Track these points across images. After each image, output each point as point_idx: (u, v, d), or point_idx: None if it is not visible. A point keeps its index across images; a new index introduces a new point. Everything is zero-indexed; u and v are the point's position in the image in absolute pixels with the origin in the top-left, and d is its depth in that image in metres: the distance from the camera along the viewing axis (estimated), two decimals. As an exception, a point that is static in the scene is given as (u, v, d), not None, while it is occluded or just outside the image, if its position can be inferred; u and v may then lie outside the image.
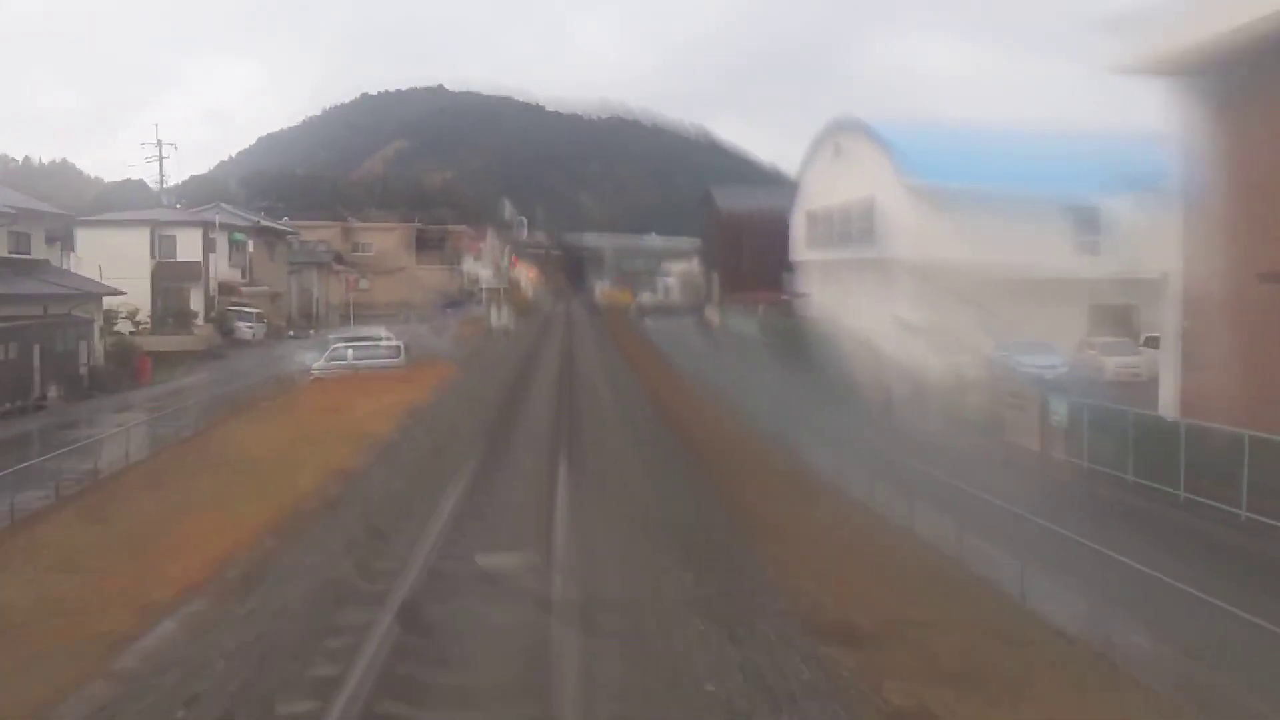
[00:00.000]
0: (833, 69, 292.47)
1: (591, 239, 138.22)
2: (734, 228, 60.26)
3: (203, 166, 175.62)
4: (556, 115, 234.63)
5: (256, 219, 56.55)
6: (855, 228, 40.26)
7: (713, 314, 59.62)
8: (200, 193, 76.57)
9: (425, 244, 75.19)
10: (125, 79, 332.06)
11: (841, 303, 40.68)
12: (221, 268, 50.41)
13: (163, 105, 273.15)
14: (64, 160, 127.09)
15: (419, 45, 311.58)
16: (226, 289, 50.14)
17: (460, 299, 73.84)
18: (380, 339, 37.96)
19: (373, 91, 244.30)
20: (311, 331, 58.28)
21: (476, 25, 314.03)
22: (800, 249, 49.44)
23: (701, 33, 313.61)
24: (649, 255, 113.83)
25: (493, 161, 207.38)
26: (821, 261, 45.90)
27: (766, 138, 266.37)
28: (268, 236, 57.83)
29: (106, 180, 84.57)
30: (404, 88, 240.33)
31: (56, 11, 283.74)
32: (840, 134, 44.13)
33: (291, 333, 56.31)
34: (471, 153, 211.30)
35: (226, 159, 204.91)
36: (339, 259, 67.85)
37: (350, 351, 35.83)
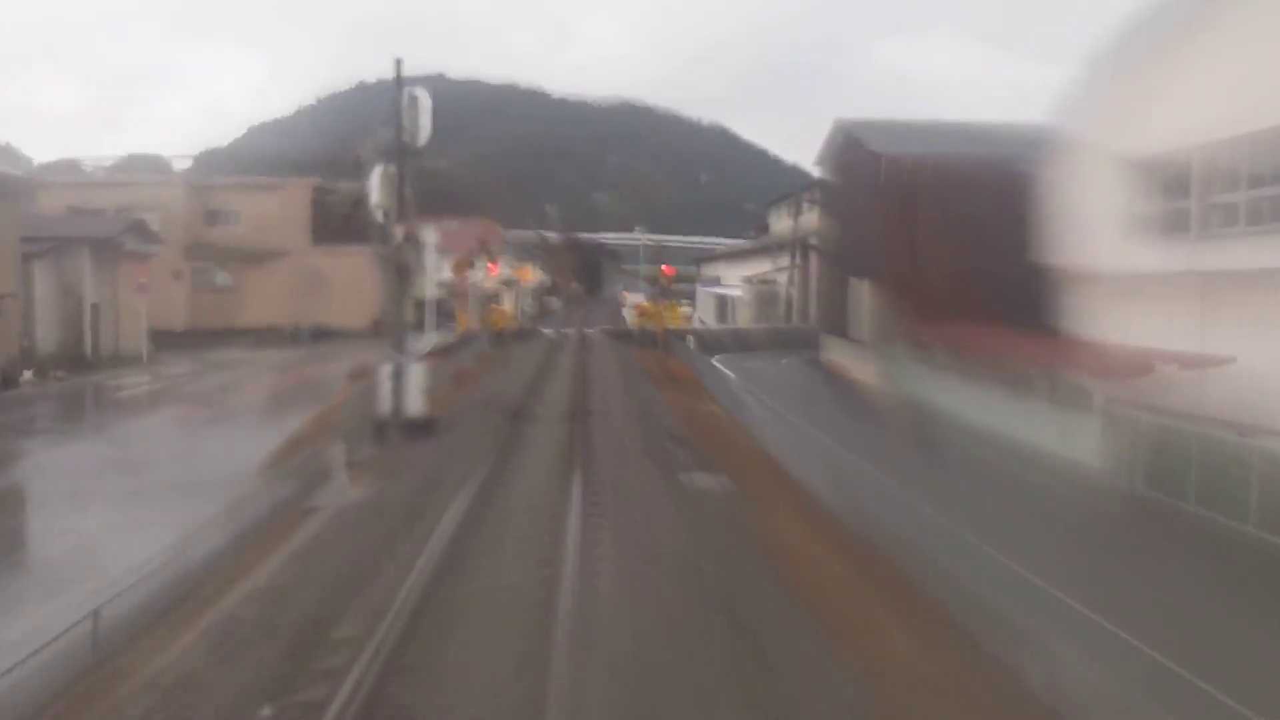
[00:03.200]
0: (839, 74, 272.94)
1: (613, 236, 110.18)
2: (910, 191, 29.44)
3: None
4: (563, 103, 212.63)
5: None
6: None
7: (899, 397, 27.91)
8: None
9: (330, 215, 43.85)
10: (121, 73, 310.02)
11: None
12: None
13: (160, 99, 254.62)
14: (7, 145, 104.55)
15: (423, 42, 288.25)
16: None
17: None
18: None
19: (370, 80, 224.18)
20: (25, 376, 27.45)
21: (482, 27, 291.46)
22: (1128, 245, 18.88)
23: (707, 36, 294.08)
24: (689, 257, 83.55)
25: (493, 149, 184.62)
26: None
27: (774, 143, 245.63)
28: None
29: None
30: (403, 76, 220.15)
31: (54, 8, 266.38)
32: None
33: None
34: (472, 141, 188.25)
35: (216, 150, 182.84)
36: (141, 232, 36.08)
37: None
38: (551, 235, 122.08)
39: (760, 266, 54.53)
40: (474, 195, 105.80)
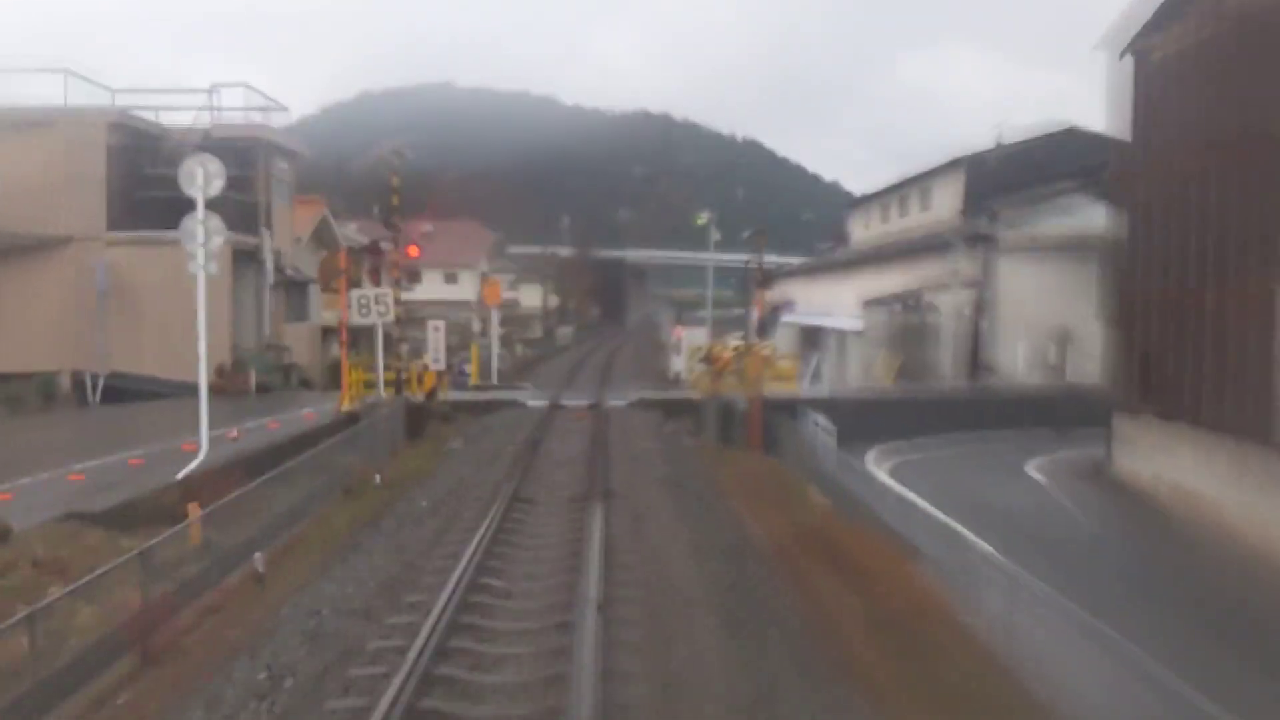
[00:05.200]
0: (860, 91, 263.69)
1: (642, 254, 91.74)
2: None
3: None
4: (577, 111, 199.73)
5: None
6: None
7: None
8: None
9: (145, 179, 24.10)
10: (123, 84, 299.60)
11: None
12: None
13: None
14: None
15: (430, 51, 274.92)
16: None
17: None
18: None
19: (375, 89, 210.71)
20: None
21: (490, 36, 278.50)
22: None
23: (725, 50, 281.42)
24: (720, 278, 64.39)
25: (503, 159, 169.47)
26: None
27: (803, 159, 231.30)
28: None
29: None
30: (410, 84, 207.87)
31: (56, 16, 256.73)
32: None
33: None
34: (482, 150, 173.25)
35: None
36: None
37: None
38: (564, 251, 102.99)
39: (890, 279, 34.39)
40: (477, 204, 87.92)
